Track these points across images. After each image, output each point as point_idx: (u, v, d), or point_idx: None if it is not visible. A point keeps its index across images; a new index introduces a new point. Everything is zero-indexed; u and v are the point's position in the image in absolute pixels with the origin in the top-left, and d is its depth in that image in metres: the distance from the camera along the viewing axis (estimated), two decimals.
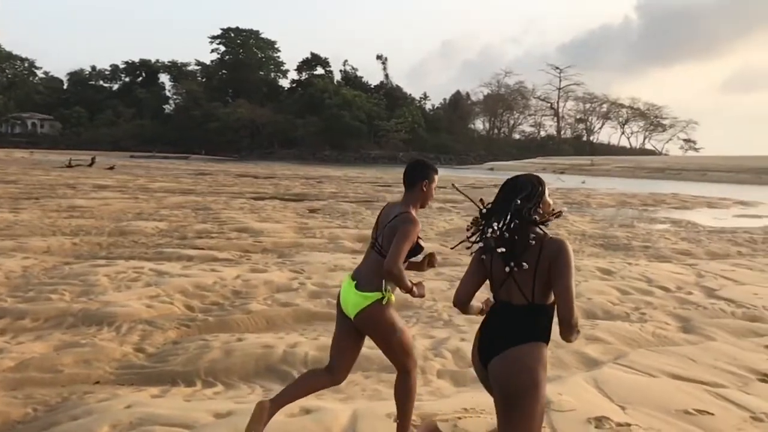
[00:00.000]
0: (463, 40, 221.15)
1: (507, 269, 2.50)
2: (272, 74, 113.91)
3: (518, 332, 2.45)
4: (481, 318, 2.82)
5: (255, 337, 5.38)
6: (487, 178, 43.85)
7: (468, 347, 5.22)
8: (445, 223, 14.91)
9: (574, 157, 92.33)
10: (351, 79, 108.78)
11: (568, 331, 2.40)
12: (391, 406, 3.80)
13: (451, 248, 2.67)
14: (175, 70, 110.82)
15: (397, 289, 3.12)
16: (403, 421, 3.23)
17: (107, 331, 5.50)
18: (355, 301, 3.08)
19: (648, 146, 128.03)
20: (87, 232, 11.27)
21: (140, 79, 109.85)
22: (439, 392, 4.37)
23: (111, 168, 35.89)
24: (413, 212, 3.14)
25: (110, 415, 3.68)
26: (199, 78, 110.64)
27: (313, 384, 3.28)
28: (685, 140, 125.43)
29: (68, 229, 11.47)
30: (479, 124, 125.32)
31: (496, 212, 2.57)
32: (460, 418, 3.66)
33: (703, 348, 5.42)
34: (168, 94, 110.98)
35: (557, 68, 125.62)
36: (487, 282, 2.72)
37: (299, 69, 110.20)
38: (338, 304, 3.23)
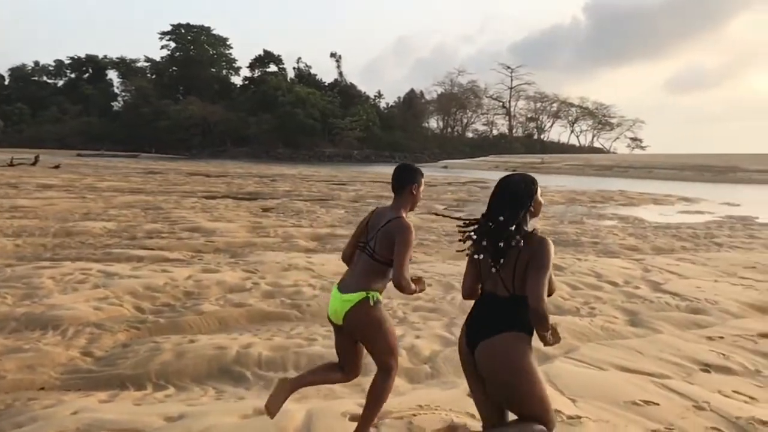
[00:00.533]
0: (417, 39, 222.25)
1: (492, 263, 2.66)
2: (224, 71, 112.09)
3: (501, 322, 2.61)
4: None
5: (207, 339, 5.30)
6: (442, 176, 44.19)
7: (422, 344, 5.26)
8: None
9: (525, 155, 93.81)
10: (305, 76, 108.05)
11: (536, 319, 2.53)
12: (347, 405, 3.80)
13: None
14: (124, 66, 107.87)
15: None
16: (366, 420, 3.26)
17: (52, 335, 5.33)
18: (341, 306, 3.14)
19: (596, 144, 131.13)
20: (30, 233, 10.90)
21: (87, 75, 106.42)
22: (394, 390, 4.36)
23: (56, 167, 34.78)
24: (405, 217, 3.21)
25: (56, 421, 3.56)
26: (149, 75, 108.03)
27: (329, 377, 3.35)
28: (631, 139, 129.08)
29: (10, 230, 11.07)
30: (433, 123, 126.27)
31: (491, 221, 2.70)
32: (415, 415, 3.68)
33: (649, 340, 5.58)
34: (116, 90, 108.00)
35: (509, 68, 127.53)
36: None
37: (252, 66, 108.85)
38: (329, 317, 3.29)
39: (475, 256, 2.76)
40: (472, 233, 2.77)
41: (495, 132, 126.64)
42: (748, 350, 5.36)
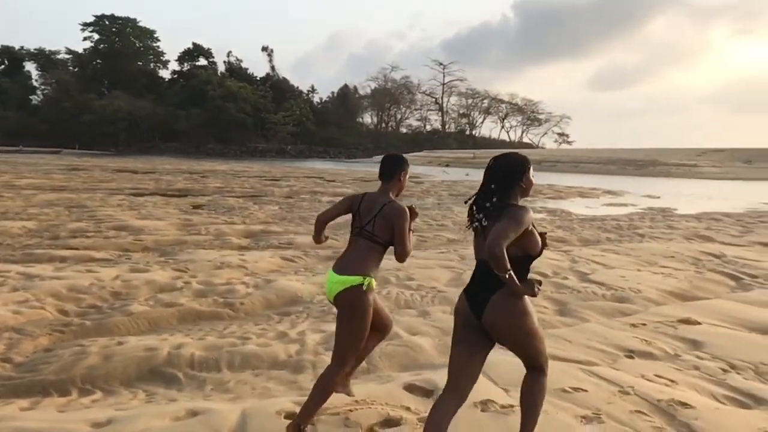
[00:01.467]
0: (350, 34, 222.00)
1: (481, 229, 2.85)
2: (152, 65, 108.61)
3: (494, 283, 2.74)
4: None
5: (137, 340, 5.13)
6: (376, 172, 44.32)
7: None
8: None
9: (457, 150, 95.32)
10: (235, 70, 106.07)
11: (489, 258, 2.63)
12: (282, 403, 3.76)
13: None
14: (43, 58, 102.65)
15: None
16: (308, 413, 3.31)
17: None
18: (336, 286, 3.31)
19: (526, 140, 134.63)
20: None
21: (2, 67, 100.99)
22: None
23: None
24: (396, 201, 3.46)
25: None
26: (71, 68, 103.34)
27: (373, 344, 3.72)
28: (559, 134, 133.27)
29: None
30: (367, 118, 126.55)
31: (482, 196, 2.89)
32: (351, 410, 3.68)
33: (577, 329, 5.77)
34: (35, 83, 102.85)
35: (441, 64, 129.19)
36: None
37: (180, 60, 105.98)
38: (327, 295, 3.46)
39: (473, 227, 2.92)
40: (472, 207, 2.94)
41: (428, 127, 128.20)
42: (669, 336, 5.62)
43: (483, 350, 2.97)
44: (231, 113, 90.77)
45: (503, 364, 4.59)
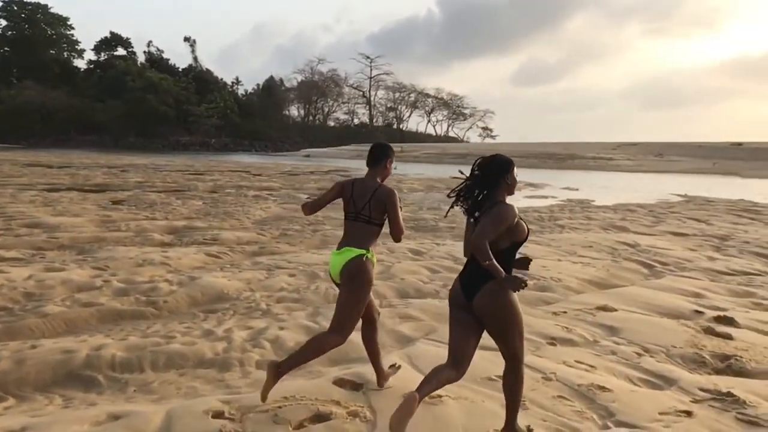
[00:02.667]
0: (275, 25, 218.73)
1: (474, 222, 3.18)
2: (66, 54, 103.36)
3: (486, 273, 3.03)
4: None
5: (52, 343, 4.89)
6: (304, 165, 43.99)
7: (287, 335, 5.22)
8: (262, 212, 14.69)
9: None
10: (156, 61, 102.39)
11: (473, 250, 3.02)
12: (210, 402, 3.69)
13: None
14: None
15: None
16: (294, 360, 3.63)
17: None
18: (341, 260, 3.63)
19: (451, 134, 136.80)
20: None
21: None
22: (258, 383, 4.29)
23: None
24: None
25: None
26: None
27: (371, 339, 3.92)
28: (483, 128, 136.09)
29: None
30: (294, 111, 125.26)
31: (472, 187, 3.23)
32: (280, 407, 3.64)
33: None
34: None
35: (368, 57, 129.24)
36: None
37: (97, 49, 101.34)
38: (331, 277, 3.79)
39: (471, 220, 3.23)
40: (461, 197, 3.26)
41: (356, 121, 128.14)
42: (588, 322, 5.86)
43: (475, 333, 3.28)
44: (152, 105, 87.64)
45: (431, 355, 4.66)
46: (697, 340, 5.37)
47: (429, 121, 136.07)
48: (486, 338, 5.22)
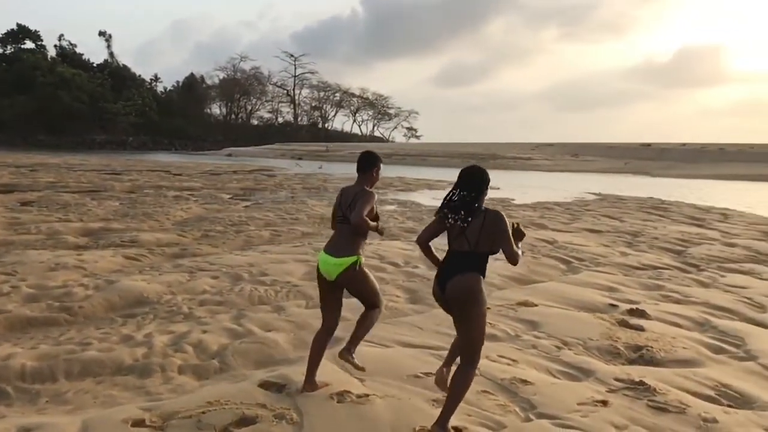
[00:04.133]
0: (196, 21, 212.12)
1: (463, 227, 3.46)
2: None
3: (466, 267, 3.44)
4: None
5: None
6: (227, 164, 43.09)
7: (210, 338, 5.12)
8: (183, 212, 14.29)
9: (310, 143, 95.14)
10: (69, 55, 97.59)
11: (513, 263, 3.52)
12: (129, 411, 3.56)
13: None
14: None
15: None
16: (355, 342, 3.99)
17: None
18: (335, 267, 3.86)
19: (377, 133, 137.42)
20: None
21: None
22: (180, 389, 4.19)
23: None
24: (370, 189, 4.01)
25: None
26: None
27: (322, 344, 4.05)
28: (408, 128, 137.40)
29: None
30: (216, 109, 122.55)
31: (466, 197, 3.51)
32: (203, 412, 3.55)
33: (427, 316, 6.00)
34: None
35: (292, 56, 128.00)
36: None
37: (3, 42, 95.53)
38: (318, 275, 4.00)
39: (449, 222, 3.52)
40: (450, 205, 3.54)
41: (280, 120, 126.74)
42: (510, 318, 6.02)
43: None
44: (64, 102, 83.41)
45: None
46: (611, 333, 5.62)
47: (354, 120, 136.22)
48: (409, 335, 5.29)
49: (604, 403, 3.97)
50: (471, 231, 3.45)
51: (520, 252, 3.55)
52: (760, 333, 5.96)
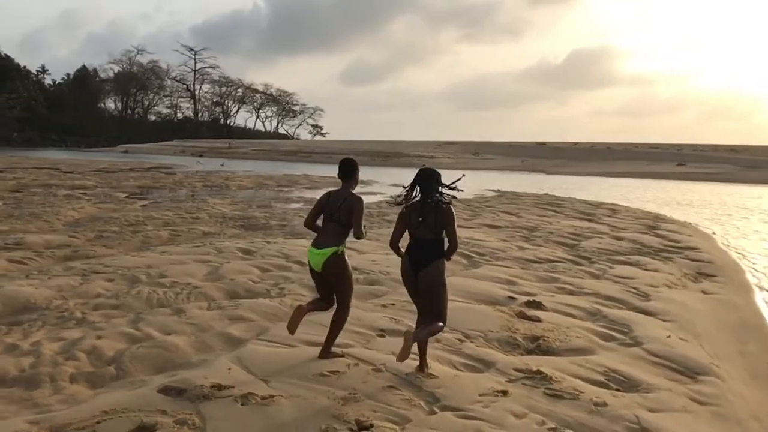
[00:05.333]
0: (88, 11, 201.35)
1: (420, 220, 4.32)
2: None
3: (432, 254, 4.32)
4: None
5: None
6: (122, 162, 41.19)
7: (105, 344, 4.88)
8: (75, 212, 13.52)
9: (212, 139, 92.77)
10: None
11: (452, 251, 4.40)
12: (16, 425, 3.34)
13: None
14: None
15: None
16: (330, 340, 4.59)
17: None
18: (320, 257, 4.46)
19: (281, 130, 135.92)
20: None
21: None
22: (73, 399, 3.95)
23: None
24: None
25: None
26: None
27: (319, 305, 4.69)
28: (313, 126, 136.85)
29: None
30: (111, 104, 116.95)
31: (425, 193, 4.38)
32: (98, 422, 3.38)
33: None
34: None
35: (192, 50, 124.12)
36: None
37: None
38: (309, 268, 4.65)
39: (411, 216, 4.34)
40: (410, 200, 4.41)
41: (180, 116, 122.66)
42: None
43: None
44: None
45: (262, 356, 4.60)
46: (510, 324, 5.83)
47: (258, 117, 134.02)
48: (315, 334, 5.26)
49: (504, 393, 4.12)
50: (430, 223, 4.28)
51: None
52: (645, 321, 6.39)
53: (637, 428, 3.73)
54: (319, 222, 4.64)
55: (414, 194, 4.45)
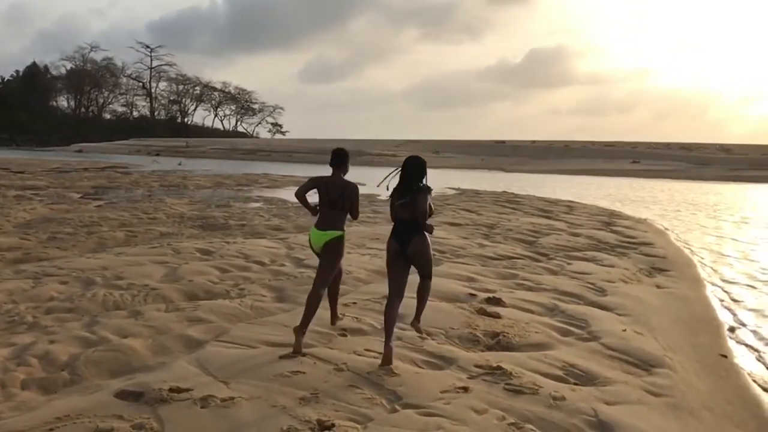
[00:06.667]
0: (37, 6, 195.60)
1: (401, 202, 4.71)
2: None
3: (414, 231, 4.68)
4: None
5: None
6: (76, 161, 40.15)
7: (58, 349, 4.76)
8: (26, 213, 13.13)
9: (169, 138, 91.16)
10: None
11: (423, 222, 4.69)
12: None
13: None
14: None
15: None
16: (305, 323, 4.82)
17: None
18: (324, 236, 4.98)
19: (240, 129, 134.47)
20: None
21: None
22: (24, 406, 3.83)
23: None
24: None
25: None
26: None
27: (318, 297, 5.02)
28: (273, 124, 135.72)
29: None
30: (64, 102, 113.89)
31: (410, 183, 4.72)
32: (51, 429, 3.29)
33: (295, 314, 5.91)
34: None
35: (148, 47, 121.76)
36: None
37: None
38: (311, 247, 5.17)
39: (397, 202, 4.73)
40: (400, 190, 4.74)
41: (136, 114, 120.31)
42: (376, 311, 6.11)
43: (407, 269, 4.81)
44: None
45: (222, 357, 4.54)
46: (471, 321, 5.88)
47: (216, 115, 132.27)
48: (276, 335, 5.22)
49: (465, 389, 4.15)
50: (409, 205, 4.67)
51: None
52: (602, 315, 6.52)
53: (594, 421, 3.81)
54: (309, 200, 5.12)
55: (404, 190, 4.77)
